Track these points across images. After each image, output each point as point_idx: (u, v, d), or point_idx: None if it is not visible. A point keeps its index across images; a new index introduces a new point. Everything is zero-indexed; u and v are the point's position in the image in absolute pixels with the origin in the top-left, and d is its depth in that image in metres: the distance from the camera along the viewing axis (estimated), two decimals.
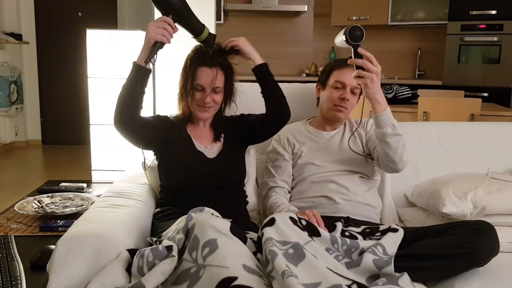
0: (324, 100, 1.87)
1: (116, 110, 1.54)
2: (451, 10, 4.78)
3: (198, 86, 1.63)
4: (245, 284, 1.08)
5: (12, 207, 2.20)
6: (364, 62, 1.52)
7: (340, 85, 1.81)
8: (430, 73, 5.46)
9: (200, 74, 1.62)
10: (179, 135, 1.72)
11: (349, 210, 1.71)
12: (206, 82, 1.62)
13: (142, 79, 1.55)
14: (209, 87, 1.63)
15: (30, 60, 5.64)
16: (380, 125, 1.58)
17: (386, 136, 1.58)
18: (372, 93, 1.54)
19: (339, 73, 1.81)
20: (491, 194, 1.72)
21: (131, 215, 1.55)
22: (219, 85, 1.65)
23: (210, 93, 1.64)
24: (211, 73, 1.63)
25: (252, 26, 5.68)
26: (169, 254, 1.24)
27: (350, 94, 1.80)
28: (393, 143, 1.59)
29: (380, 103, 1.56)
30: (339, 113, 1.82)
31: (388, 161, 1.65)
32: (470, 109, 3.15)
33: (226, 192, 1.70)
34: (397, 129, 1.59)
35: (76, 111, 5.62)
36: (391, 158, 1.63)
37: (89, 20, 5.64)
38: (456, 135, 2.12)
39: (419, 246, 1.42)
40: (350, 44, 1.55)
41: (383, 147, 1.62)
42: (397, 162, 1.64)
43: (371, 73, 1.52)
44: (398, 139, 1.59)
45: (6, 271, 1.49)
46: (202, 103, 1.65)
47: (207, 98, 1.63)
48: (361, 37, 1.54)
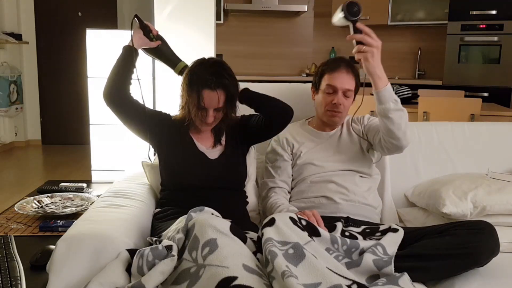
0: (318, 104, 1.87)
1: (105, 85, 1.69)
2: (451, 10, 4.78)
3: (201, 106, 1.63)
4: (245, 284, 1.08)
5: (12, 207, 2.20)
6: (364, 37, 1.53)
7: (331, 90, 1.79)
8: (430, 73, 5.46)
9: (203, 96, 1.61)
10: (181, 135, 1.72)
11: (349, 210, 1.71)
12: (208, 104, 1.62)
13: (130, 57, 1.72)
14: (211, 108, 1.63)
15: (30, 60, 5.64)
16: (382, 101, 1.58)
17: (389, 112, 1.58)
18: (373, 68, 1.55)
19: (330, 77, 1.79)
20: (491, 194, 1.72)
21: (131, 215, 1.55)
22: (221, 105, 1.64)
23: (212, 112, 1.64)
24: (214, 95, 1.61)
25: (252, 26, 5.68)
26: (169, 254, 1.24)
27: (342, 97, 1.78)
28: (396, 118, 1.59)
29: (381, 78, 1.57)
30: (333, 118, 1.82)
31: (392, 137, 1.63)
32: (470, 109, 3.15)
33: (226, 192, 1.70)
34: (399, 104, 1.59)
35: (76, 111, 5.61)
36: (395, 135, 1.62)
37: (89, 20, 5.64)
38: (456, 135, 2.12)
39: (419, 246, 1.42)
40: (349, 20, 1.55)
41: (386, 123, 1.61)
42: (401, 138, 1.63)
43: (372, 47, 1.53)
44: (401, 114, 1.60)
45: (6, 271, 1.49)
46: (204, 120, 1.66)
47: (209, 118, 1.64)
48: (358, 12, 1.55)
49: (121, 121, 1.72)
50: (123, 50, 1.74)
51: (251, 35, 5.71)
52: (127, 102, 1.70)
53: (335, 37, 5.68)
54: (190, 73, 1.66)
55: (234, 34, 5.68)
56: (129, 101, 1.70)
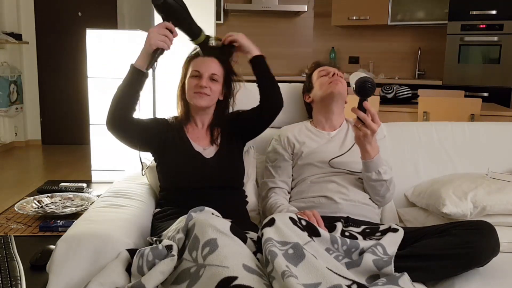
0: (317, 89, 1.93)
1: (110, 111, 1.59)
2: (451, 10, 4.78)
3: (195, 72, 1.67)
4: (245, 283, 1.08)
5: (12, 207, 2.20)
6: (366, 118, 1.54)
7: (324, 72, 1.93)
8: (430, 73, 5.46)
9: (196, 62, 1.70)
10: (177, 136, 1.72)
11: (349, 210, 1.71)
12: (202, 68, 1.67)
13: (140, 83, 1.59)
14: (206, 72, 1.67)
15: (30, 60, 5.64)
16: (366, 169, 1.66)
17: (370, 180, 1.68)
18: (363, 145, 1.61)
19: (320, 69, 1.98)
20: (491, 194, 1.72)
21: (131, 215, 1.55)
22: (215, 72, 1.68)
23: (206, 79, 1.67)
24: (208, 61, 1.69)
25: (252, 26, 5.68)
26: (169, 254, 1.24)
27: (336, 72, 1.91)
28: (376, 186, 1.70)
29: (369, 152, 1.62)
30: (335, 86, 1.87)
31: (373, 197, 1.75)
32: (470, 109, 3.15)
33: (225, 192, 1.70)
34: (383, 175, 1.65)
35: (76, 111, 5.62)
36: (373, 197, 1.74)
37: (89, 20, 5.64)
38: (456, 135, 2.12)
39: (419, 246, 1.42)
40: (358, 95, 1.56)
41: (367, 186, 1.72)
42: (379, 200, 1.76)
43: (368, 130, 1.55)
44: (382, 183, 1.68)
45: (6, 271, 1.49)
46: (198, 88, 1.66)
47: (203, 81, 1.65)
48: (370, 92, 1.54)
49: (123, 143, 1.66)
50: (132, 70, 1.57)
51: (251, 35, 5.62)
52: (131, 127, 1.63)
53: (335, 37, 5.69)
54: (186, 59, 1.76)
55: None
56: (133, 126, 1.63)
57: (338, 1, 5.36)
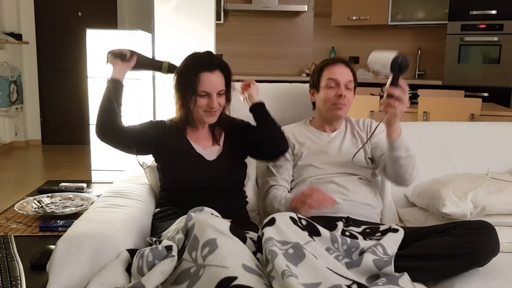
0: (321, 102, 1.86)
1: (97, 123, 1.68)
2: (451, 10, 4.78)
3: (203, 92, 1.61)
4: (245, 284, 1.08)
5: (12, 207, 2.20)
6: (402, 95, 1.48)
7: (333, 84, 1.80)
8: (430, 73, 5.46)
9: (204, 80, 1.60)
10: (177, 138, 1.71)
11: (349, 210, 1.71)
12: (211, 88, 1.61)
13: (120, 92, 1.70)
14: (214, 92, 1.62)
15: (30, 60, 5.64)
16: (394, 149, 1.60)
17: (399, 159, 1.61)
18: (393, 124, 1.55)
19: (329, 71, 1.81)
20: (491, 194, 1.72)
21: (131, 215, 1.55)
22: (222, 87, 1.65)
23: (216, 98, 1.63)
24: (214, 77, 1.62)
25: (252, 26, 5.68)
26: (168, 254, 1.24)
27: (345, 90, 1.79)
28: (405, 165, 1.62)
29: (397, 130, 1.57)
30: (338, 111, 1.82)
31: (398, 180, 1.69)
32: (470, 109, 3.15)
33: (226, 193, 1.70)
34: (410, 151, 1.61)
35: (76, 111, 5.61)
36: (401, 178, 1.67)
37: (89, 20, 5.64)
38: (456, 135, 2.12)
39: (419, 246, 1.42)
40: (393, 72, 1.49)
41: (395, 168, 1.65)
42: (407, 180, 1.68)
43: (403, 106, 1.50)
44: (410, 160, 1.62)
45: (6, 271, 1.49)
46: (209, 109, 1.64)
47: (214, 102, 1.62)
48: (406, 67, 1.48)
49: (120, 150, 1.72)
50: (109, 84, 1.71)
51: (251, 35, 5.71)
52: (122, 134, 1.68)
53: (335, 37, 5.69)
54: (183, 68, 1.65)
55: (234, 34, 5.68)
56: (123, 133, 1.68)
57: (338, 1, 5.36)
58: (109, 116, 1.67)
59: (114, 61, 1.74)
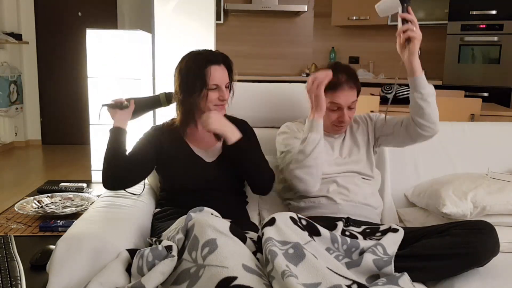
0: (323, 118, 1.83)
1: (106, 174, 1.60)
2: (451, 10, 4.78)
3: (213, 85, 1.61)
4: (245, 284, 1.08)
5: (12, 207, 2.20)
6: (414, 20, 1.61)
7: (336, 107, 1.76)
8: (430, 73, 5.44)
9: (213, 73, 1.60)
10: (175, 142, 1.70)
11: (349, 210, 1.71)
12: (221, 80, 1.62)
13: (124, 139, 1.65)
14: (223, 84, 1.63)
15: (30, 60, 5.64)
16: (422, 86, 1.67)
17: (428, 96, 1.66)
18: (414, 57, 1.64)
19: (333, 96, 1.73)
20: (491, 194, 1.72)
21: (131, 215, 1.55)
22: (228, 80, 1.66)
23: (226, 90, 1.64)
24: (221, 70, 1.63)
25: (252, 26, 5.68)
26: (168, 254, 1.24)
27: (347, 111, 1.76)
28: (433, 102, 1.68)
29: (418, 66, 1.66)
30: (340, 129, 1.82)
31: (430, 121, 1.69)
32: (470, 109, 3.15)
33: (226, 193, 1.69)
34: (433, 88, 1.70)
35: (76, 111, 5.62)
36: (431, 118, 1.69)
37: (89, 20, 5.64)
38: (456, 135, 2.12)
39: (419, 246, 1.42)
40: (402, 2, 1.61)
41: (425, 108, 1.67)
42: (436, 122, 1.70)
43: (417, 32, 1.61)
44: (433, 98, 1.69)
45: (6, 271, 1.49)
46: (220, 102, 1.63)
47: (225, 94, 1.63)
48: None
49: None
50: (113, 133, 1.64)
51: (251, 35, 5.71)
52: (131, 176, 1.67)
53: (335, 37, 5.69)
54: (187, 66, 1.62)
55: (234, 34, 5.68)
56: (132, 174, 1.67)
57: (338, 1, 5.36)
58: (119, 165, 1.61)
59: (113, 112, 1.69)
